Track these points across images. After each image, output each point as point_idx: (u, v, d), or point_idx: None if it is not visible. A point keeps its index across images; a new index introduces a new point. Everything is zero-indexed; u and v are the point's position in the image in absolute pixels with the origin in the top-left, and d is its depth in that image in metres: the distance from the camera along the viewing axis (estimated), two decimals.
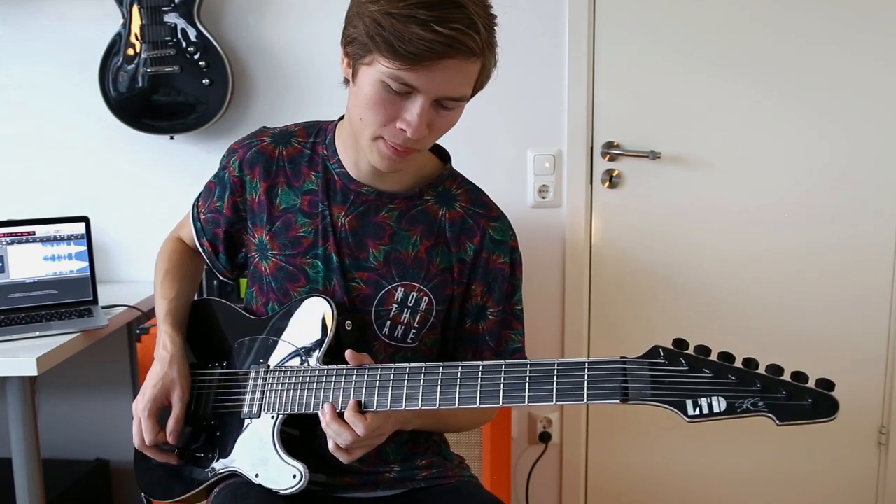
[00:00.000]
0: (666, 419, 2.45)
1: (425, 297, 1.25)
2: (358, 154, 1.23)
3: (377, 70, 1.07)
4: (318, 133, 1.30)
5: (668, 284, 2.31)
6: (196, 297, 1.44)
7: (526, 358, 1.31)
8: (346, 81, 1.18)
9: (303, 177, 1.28)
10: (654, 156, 2.19)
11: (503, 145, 2.25)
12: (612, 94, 2.22)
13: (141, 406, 1.27)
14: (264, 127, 1.35)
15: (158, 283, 1.40)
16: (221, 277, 1.42)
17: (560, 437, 2.38)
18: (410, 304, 1.25)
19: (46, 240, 1.94)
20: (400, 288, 1.25)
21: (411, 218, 1.26)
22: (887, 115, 2.22)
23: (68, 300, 1.95)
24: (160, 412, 1.28)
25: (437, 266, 1.26)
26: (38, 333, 1.78)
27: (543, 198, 2.27)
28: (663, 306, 2.31)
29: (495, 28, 1.10)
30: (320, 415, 1.14)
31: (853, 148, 2.23)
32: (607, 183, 2.26)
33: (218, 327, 1.35)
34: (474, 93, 1.15)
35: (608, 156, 2.25)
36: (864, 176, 2.24)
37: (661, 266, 2.30)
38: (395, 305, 1.24)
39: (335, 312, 1.20)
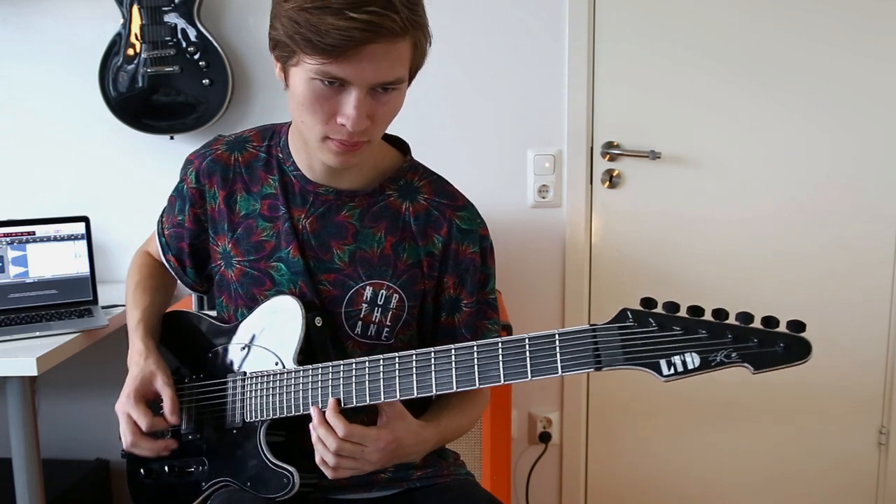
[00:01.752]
0: (665, 420, 2.44)
1: (395, 295, 1.23)
2: (310, 155, 1.21)
3: (304, 69, 1.06)
4: (273, 136, 1.29)
5: (668, 284, 2.30)
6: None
7: None
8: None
9: (260, 181, 1.26)
10: (654, 156, 2.19)
11: (503, 145, 2.25)
12: (612, 94, 2.22)
13: (123, 401, 1.23)
14: (219, 135, 1.33)
15: (130, 294, 1.37)
16: (193, 292, 1.40)
17: (560, 437, 2.38)
18: (380, 303, 1.23)
19: (46, 240, 1.95)
20: (368, 287, 1.23)
21: (374, 215, 1.24)
22: (890, 117, 2.21)
23: (68, 300, 1.95)
24: (147, 403, 1.24)
25: (405, 262, 1.24)
26: (38, 333, 1.78)
27: (543, 198, 2.27)
28: None
29: (420, 4, 1.07)
30: (313, 418, 1.12)
31: (854, 149, 2.23)
32: (607, 183, 2.26)
33: (190, 338, 1.33)
34: (413, 74, 1.13)
35: (608, 156, 2.25)
36: (864, 177, 2.24)
37: (660, 266, 2.30)
38: (364, 305, 1.23)
39: (303, 310, 1.19)
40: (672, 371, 0.95)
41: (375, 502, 1.28)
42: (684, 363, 0.95)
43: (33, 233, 1.93)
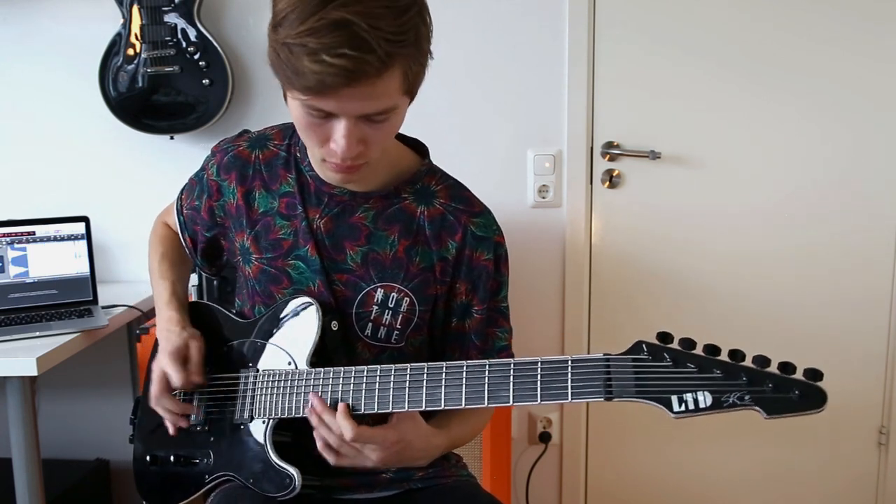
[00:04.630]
0: (666, 420, 2.45)
1: (406, 298, 1.23)
2: None
3: (294, 97, 1.04)
4: (293, 134, 1.29)
5: (669, 284, 2.30)
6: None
7: (513, 356, 1.29)
8: None
9: (279, 179, 1.26)
10: (654, 156, 2.19)
11: (503, 145, 2.25)
12: (612, 94, 2.22)
13: (160, 356, 1.25)
14: (245, 130, 1.35)
15: (156, 264, 1.40)
16: (203, 273, 1.43)
17: (560, 437, 2.38)
18: (391, 306, 1.23)
19: (46, 240, 1.95)
20: (379, 289, 1.23)
21: (388, 217, 1.24)
22: (889, 116, 2.21)
23: (68, 300, 1.95)
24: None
25: (418, 266, 1.23)
26: (38, 333, 1.78)
27: (543, 198, 2.27)
28: (663, 306, 2.31)
29: (412, 24, 1.00)
30: (309, 408, 1.13)
31: (854, 148, 2.23)
32: (607, 183, 2.26)
33: (210, 330, 1.33)
34: (413, 93, 1.08)
35: (608, 156, 2.25)
36: (864, 176, 2.24)
37: (661, 266, 2.30)
38: (375, 307, 1.23)
39: (320, 313, 1.19)
40: (683, 408, 0.95)
41: (377, 502, 1.29)
42: (696, 401, 0.94)
43: (33, 233, 1.94)
